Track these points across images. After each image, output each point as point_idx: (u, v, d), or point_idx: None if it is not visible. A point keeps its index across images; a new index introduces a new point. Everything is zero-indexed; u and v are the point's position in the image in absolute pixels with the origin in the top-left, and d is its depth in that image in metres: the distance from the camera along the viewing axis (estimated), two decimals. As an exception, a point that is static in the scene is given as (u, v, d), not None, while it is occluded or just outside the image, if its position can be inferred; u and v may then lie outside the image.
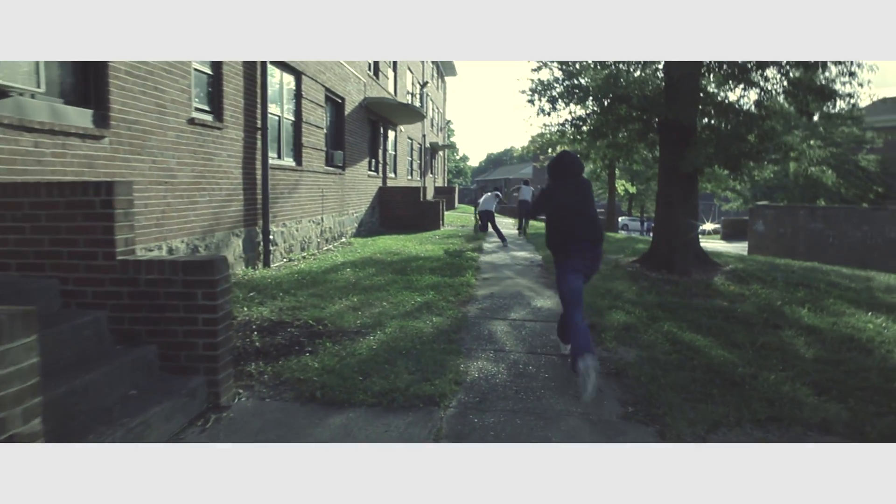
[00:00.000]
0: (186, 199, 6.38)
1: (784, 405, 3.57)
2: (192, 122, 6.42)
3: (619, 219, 39.25)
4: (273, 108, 8.97)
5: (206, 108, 6.97)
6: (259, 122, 8.22)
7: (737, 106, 9.16)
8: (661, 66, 9.61)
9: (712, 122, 9.16)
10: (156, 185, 5.78)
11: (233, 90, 7.45)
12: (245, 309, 5.60)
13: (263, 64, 8.16)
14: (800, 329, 5.63)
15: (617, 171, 29.78)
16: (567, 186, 4.33)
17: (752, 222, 21.38)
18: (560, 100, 9.99)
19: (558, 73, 10.32)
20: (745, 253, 18.86)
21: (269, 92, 8.69)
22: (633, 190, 36.98)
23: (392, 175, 19.36)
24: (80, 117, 4.82)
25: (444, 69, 36.26)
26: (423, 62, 25.50)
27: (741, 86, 9.07)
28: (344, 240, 12.85)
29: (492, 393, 3.75)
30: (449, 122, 62.16)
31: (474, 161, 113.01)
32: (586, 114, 10.09)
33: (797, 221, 19.90)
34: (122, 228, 3.37)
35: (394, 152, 19.89)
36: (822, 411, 3.51)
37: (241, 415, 3.33)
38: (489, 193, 15.17)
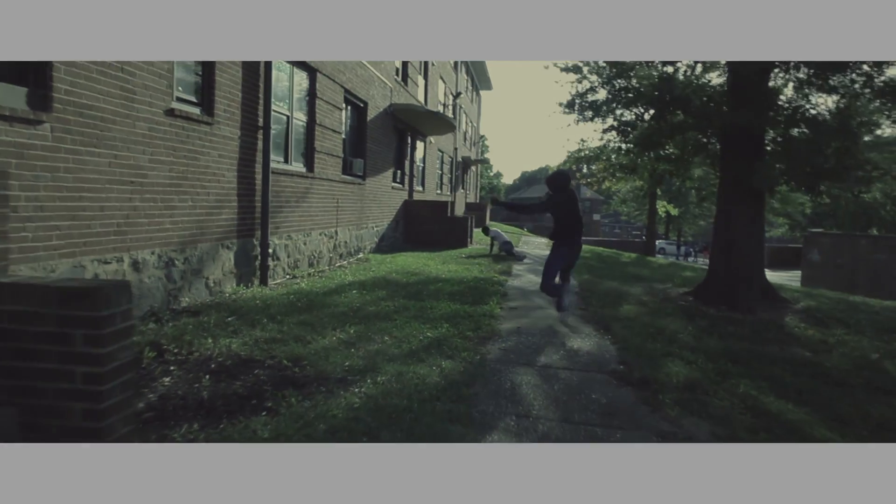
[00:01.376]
0: (161, 203, 5.39)
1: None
2: (171, 113, 5.44)
3: (657, 242, 37.32)
4: (280, 107, 7.99)
5: (192, 98, 5.98)
6: (261, 121, 7.22)
7: (811, 113, 7.73)
8: (723, 64, 8.29)
9: (785, 132, 7.75)
10: (117, 184, 4.79)
11: (228, 81, 6.48)
12: (210, 340, 4.52)
13: (268, 54, 7.19)
14: (921, 397, 4.32)
15: (658, 192, 28.25)
16: (567, 196, 6.18)
17: (807, 251, 19.70)
18: (604, 106, 8.75)
19: (595, 78, 9.14)
20: (798, 284, 17.25)
21: (276, 87, 7.73)
22: (674, 212, 35.22)
23: (419, 188, 18.29)
24: (10, 96, 3.87)
25: (479, 82, 35.15)
26: (455, 71, 24.46)
27: (820, 91, 7.63)
28: (361, 255, 11.80)
29: (509, 494, 2.56)
30: (483, 137, 61.28)
31: (508, 178, 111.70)
32: (635, 118, 8.78)
33: (858, 251, 18.18)
34: (-19, 237, 2.33)
35: (422, 164, 18.83)
36: None
37: (128, 522, 2.21)
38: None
